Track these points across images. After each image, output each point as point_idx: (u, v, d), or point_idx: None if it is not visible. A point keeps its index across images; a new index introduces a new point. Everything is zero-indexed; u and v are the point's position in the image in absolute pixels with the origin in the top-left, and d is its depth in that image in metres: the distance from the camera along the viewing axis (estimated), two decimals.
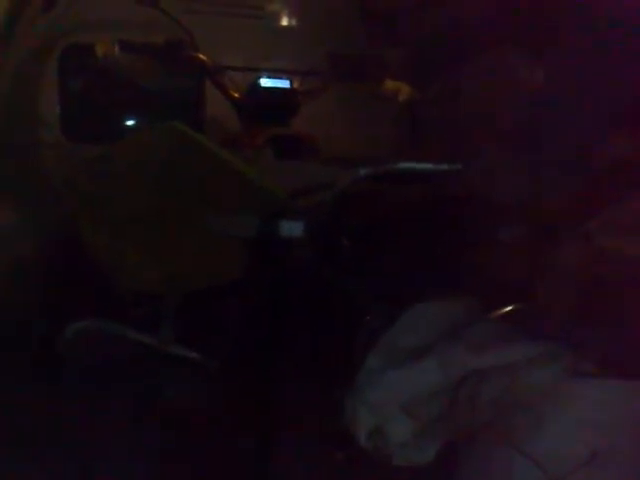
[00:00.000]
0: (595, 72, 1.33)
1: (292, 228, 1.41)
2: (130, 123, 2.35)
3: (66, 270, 1.79)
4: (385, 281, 1.50)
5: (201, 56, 2.03)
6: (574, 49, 1.34)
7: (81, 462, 1.49)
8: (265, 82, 2.09)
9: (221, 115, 2.25)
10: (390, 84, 2.15)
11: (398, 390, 1.30)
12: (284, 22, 3.00)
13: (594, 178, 1.50)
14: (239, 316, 1.50)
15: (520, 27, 1.56)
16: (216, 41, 2.25)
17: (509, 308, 1.49)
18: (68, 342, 1.54)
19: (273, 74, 2.14)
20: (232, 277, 1.46)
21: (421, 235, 1.56)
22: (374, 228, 1.53)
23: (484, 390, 1.27)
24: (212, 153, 1.41)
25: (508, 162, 1.39)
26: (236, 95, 2.08)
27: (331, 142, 2.12)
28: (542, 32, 1.50)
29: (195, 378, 1.53)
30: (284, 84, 2.11)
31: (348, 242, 1.51)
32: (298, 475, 1.49)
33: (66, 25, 2.24)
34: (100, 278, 1.50)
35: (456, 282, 1.53)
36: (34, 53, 2.24)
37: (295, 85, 2.13)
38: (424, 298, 1.39)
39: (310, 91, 2.17)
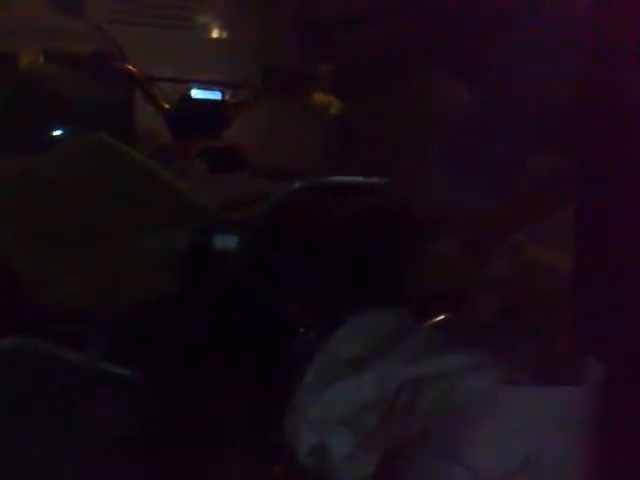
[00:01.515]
0: (520, 90, 1.35)
1: (225, 241, 1.39)
2: (55, 135, 2.30)
3: None
4: (320, 294, 1.49)
5: (130, 67, 1.99)
6: (499, 66, 1.37)
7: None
8: (196, 93, 2.07)
9: (152, 127, 2.21)
10: (321, 98, 2.15)
11: (337, 404, 1.29)
12: (216, 34, 2.98)
13: (521, 193, 1.53)
14: (172, 332, 1.47)
15: (450, 46, 1.59)
16: (145, 52, 2.21)
17: (441, 318, 1.50)
18: None
19: (204, 86, 2.11)
20: (163, 292, 1.43)
21: (354, 248, 1.56)
22: (308, 241, 1.52)
23: (419, 400, 1.28)
24: (140, 165, 1.38)
25: (436, 176, 1.40)
26: (166, 106, 2.05)
27: (264, 154, 2.11)
28: (470, 51, 1.52)
29: (126, 396, 1.49)
30: (215, 96, 2.09)
31: (282, 255, 1.50)
32: None
33: None
34: (22, 294, 1.45)
35: (390, 295, 1.53)
36: None
37: (227, 97, 2.11)
38: (359, 311, 1.39)
39: (242, 103, 2.16)
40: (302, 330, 1.42)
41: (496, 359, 1.31)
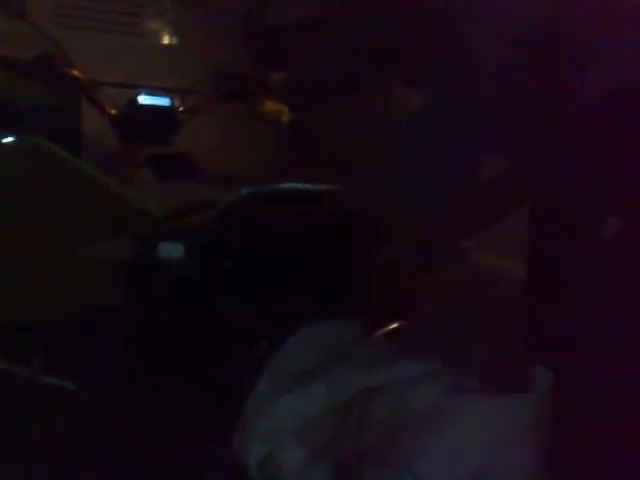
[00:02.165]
0: (471, 94, 1.35)
1: (171, 250, 1.35)
2: None
3: None
4: (270, 303, 1.47)
5: (75, 72, 1.95)
6: (450, 71, 1.36)
7: None
8: (143, 99, 2.04)
9: (98, 133, 2.17)
10: (272, 105, 2.14)
11: (288, 416, 1.27)
12: (165, 40, 2.95)
13: (472, 197, 1.53)
14: (117, 343, 1.43)
15: (403, 54, 1.58)
16: (92, 58, 2.17)
17: (392, 326, 1.49)
18: None
19: (152, 91, 2.08)
20: (107, 303, 1.39)
21: (305, 256, 1.54)
22: (257, 249, 1.50)
23: (372, 410, 1.26)
24: (79, 171, 1.34)
25: (382, 183, 1.39)
26: (113, 112, 2.01)
27: (213, 161, 2.08)
28: (423, 59, 1.52)
29: (70, 409, 1.44)
30: (163, 102, 2.06)
31: (231, 264, 1.47)
32: None
33: None
34: None
35: (341, 303, 1.51)
36: None
37: (175, 103, 2.08)
38: (311, 320, 1.37)
39: (191, 109, 2.13)
40: (252, 340, 1.39)
41: (447, 367, 1.30)
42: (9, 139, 1.48)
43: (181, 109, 2.12)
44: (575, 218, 1.37)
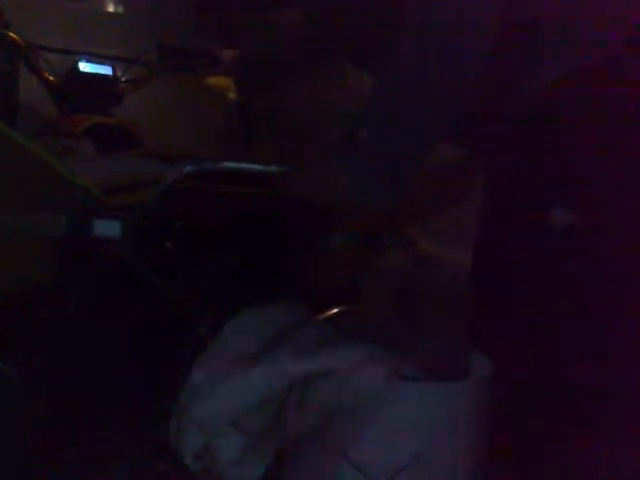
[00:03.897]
0: (423, 85, 1.33)
1: (107, 228, 1.29)
2: None
3: None
4: (209, 287, 1.43)
5: (12, 34, 1.87)
6: (404, 61, 1.34)
7: None
8: (84, 67, 1.96)
9: (37, 101, 2.09)
10: (220, 81, 2.09)
11: (225, 404, 1.23)
12: (110, 8, 2.86)
13: (418, 186, 1.51)
14: (48, 324, 1.37)
15: (355, 37, 1.55)
16: (32, 22, 2.09)
17: (333, 311, 1.47)
18: None
19: (94, 59, 2.01)
20: (39, 281, 1.33)
21: (245, 239, 1.50)
22: (199, 230, 1.45)
23: (310, 397, 1.24)
24: (9, 140, 1.27)
25: (330, 168, 1.36)
26: (52, 79, 1.93)
27: (156, 136, 2.02)
28: (375, 42, 1.49)
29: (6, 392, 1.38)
30: (106, 70, 1.99)
31: (170, 244, 1.42)
32: None
33: None
34: None
35: (281, 288, 1.48)
36: None
37: (118, 72, 2.01)
38: (249, 305, 1.34)
39: (134, 80, 2.07)
40: (191, 325, 1.35)
41: (387, 353, 1.29)
42: None
43: (124, 79, 2.06)
44: (523, 209, 1.37)
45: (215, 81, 2.10)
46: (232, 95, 2.06)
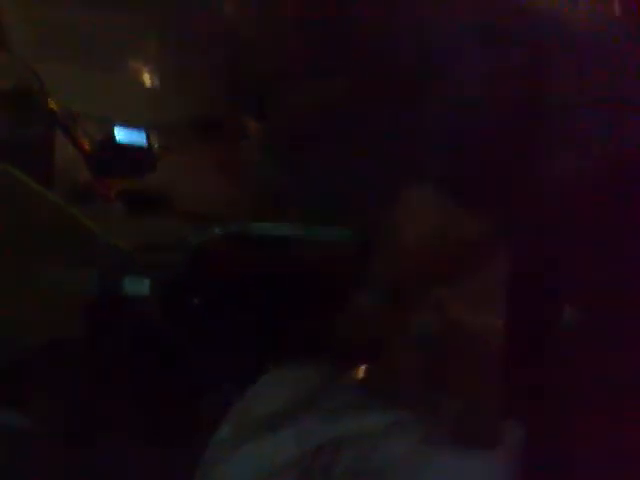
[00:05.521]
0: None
1: (137, 285, 1.32)
2: None
3: None
4: (236, 346, 1.43)
5: (51, 104, 1.93)
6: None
7: None
8: (119, 134, 2.01)
9: (72, 167, 2.14)
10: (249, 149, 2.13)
11: (252, 464, 1.22)
12: (146, 79, 2.94)
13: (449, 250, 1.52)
14: (75, 380, 1.38)
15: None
16: (69, 91, 2.15)
17: (362, 372, 1.46)
18: None
19: (128, 127, 2.06)
20: (69, 336, 1.34)
21: (273, 299, 1.51)
22: (225, 290, 1.47)
23: (340, 460, 1.22)
24: (44, 201, 1.31)
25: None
26: (87, 147, 1.98)
27: (187, 200, 2.06)
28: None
29: (26, 447, 1.38)
30: (139, 138, 2.04)
31: (199, 304, 1.43)
32: None
33: None
34: None
35: (311, 347, 1.48)
36: None
37: (151, 140, 2.06)
38: (278, 364, 1.33)
39: (167, 148, 2.11)
40: (216, 383, 1.35)
41: (417, 418, 1.27)
42: None
43: (157, 146, 2.10)
44: (553, 283, 1.36)
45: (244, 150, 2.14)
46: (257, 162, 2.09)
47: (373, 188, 1.60)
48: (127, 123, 2.16)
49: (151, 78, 2.91)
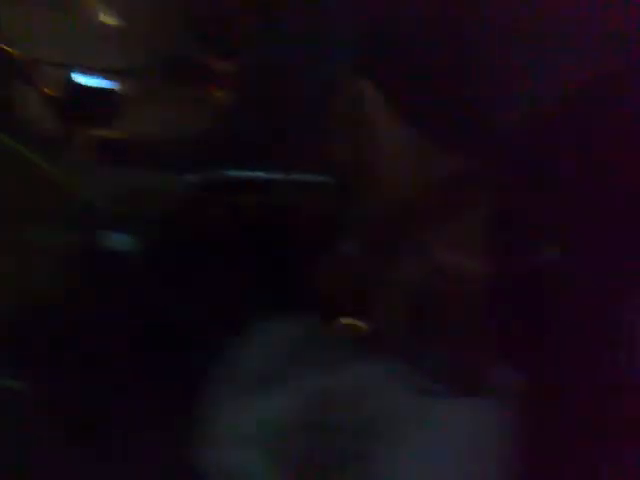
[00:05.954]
0: None
1: (118, 241, 1.27)
2: None
3: None
4: (222, 300, 1.39)
5: (8, 48, 1.84)
6: None
7: None
8: (84, 80, 1.93)
9: (37, 118, 2.06)
10: (218, 92, 2.07)
11: (248, 419, 1.22)
12: (106, 19, 2.83)
13: (431, 192, 1.50)
14: (57, 340, 1.33)
15: None
16: (29, 34, 2.06)
17: (350, 324, 1.43)
18: None
19: (94, 72, 1.98)
20: (49, 300, 1.29)
21: (256, 250, 1.47)
22: (208, 241, 1.42)
23: (332, 412, 1.22)
24: (14, 155, 1.24)
25: None
26: (51, 93, 1.90)
27: (157, 147, 2.00)
28: None
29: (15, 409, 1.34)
30: (106, 83, 1.96)
31: (181, 257, 1.39)
32: None
33: None
34: None
35: (294, 300, 1.45)
36: None
37: (119, 85, 1.99)
38: (263, 318, 1.31)
39: (135, 92, 2.04)
40: (205, 341, 1.31)
41: (406, 369, 1.26)
42: None
43: (123, 91, 2.03)
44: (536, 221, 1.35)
45: (215, 92, 2.08)
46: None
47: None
48: (91, 68, 2.08)
49: (115, 18, 2.80)
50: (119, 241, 1.28)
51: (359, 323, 1.45)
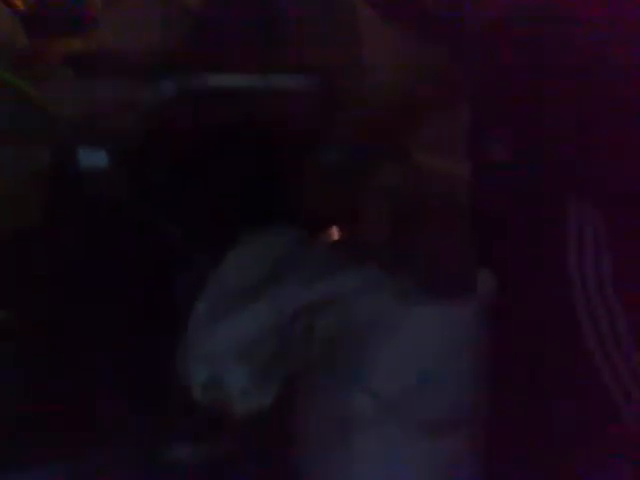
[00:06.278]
0: None
1: (93, 158, 1.24)
2: None
3: None
4: (205, 216, 1.38)
5: None
6: None
7: None
8: None
9: (6, 29, 2.00)
10: None
11: (231, 336, 1.23)
12: None
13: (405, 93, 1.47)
14: (37, 265, 1.32)
15: None
16: None
17: (332, 234, 1.44)
18: None
19: None
20: (27, 221, 1.27)
21: (238, 163, 1.45)
22: (188, 155, 1.40)
23: (316, 324, 1.24)
24: None
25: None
26: (21, 5, 1.85)
27: (134, 56, 1.94)
28: None
29: None
30: None
31: (160, 172, 1.37)
32: None
33: None
34: None
35: (277, 213, 1.44)
36: None
37: None
38: (248, 232, 1.30)
39: (108, 1, 1.98)
40: (186, 260, 1.31)
41: (389, 275, 1.27)
42: None
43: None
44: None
45: None
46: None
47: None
48: None
49: None
50: (98, 157, 1.26)
51: (343, 232, 1.45)
